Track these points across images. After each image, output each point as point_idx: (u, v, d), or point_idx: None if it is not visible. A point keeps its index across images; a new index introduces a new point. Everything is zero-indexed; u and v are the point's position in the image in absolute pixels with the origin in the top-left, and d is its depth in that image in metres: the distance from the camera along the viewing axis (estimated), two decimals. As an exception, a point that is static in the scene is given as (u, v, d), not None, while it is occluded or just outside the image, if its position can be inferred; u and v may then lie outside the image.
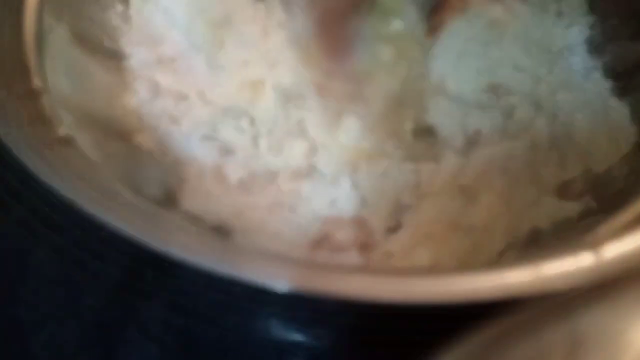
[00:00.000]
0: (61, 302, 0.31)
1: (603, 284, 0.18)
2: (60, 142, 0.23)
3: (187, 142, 0.29)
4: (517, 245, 0.26)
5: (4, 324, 0.30)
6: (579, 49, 0.31)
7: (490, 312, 0.18)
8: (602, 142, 0.28)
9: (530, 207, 0.27)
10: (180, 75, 0.30)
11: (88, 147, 0.24)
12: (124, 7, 0.31)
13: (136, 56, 0.30)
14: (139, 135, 0.28)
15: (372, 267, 0.25)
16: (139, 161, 0.28)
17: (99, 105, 0.28)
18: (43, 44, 0.26)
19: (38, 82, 0.25)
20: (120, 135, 0.28)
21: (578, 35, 0.31)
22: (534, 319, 0.19)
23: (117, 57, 0.30)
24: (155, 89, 0.30)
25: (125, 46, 0.30)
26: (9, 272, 0.32)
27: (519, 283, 0.18)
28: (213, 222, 0.26)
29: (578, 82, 0.30)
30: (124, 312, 0.30)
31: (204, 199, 0.27)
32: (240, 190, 0.28)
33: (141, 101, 0.29)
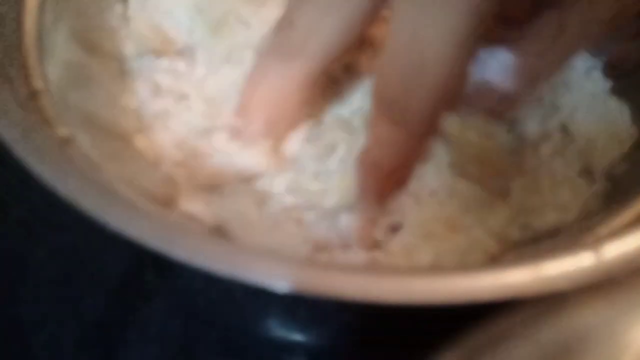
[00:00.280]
0: (61, 302, 0.31)
1: (603, 284, 0.18)
2: (60, 142, 0.23)
3: (187, 142, 0.29)
4: (517, 245, 0.26)
5: (4, 324, 0.30)
6: (579, 48, 0.31)
7: (490, 312, 0.18)
8: (602, 141, 0.28)
9: (529, 206, 0.27)
10: (180, 75, 0.30)
11: (88, 147, 0.24)
12: (123, 7, 0.31)
13: (136, 56, 0.30)
14: (139, 136, 0.28)
15: (372, 267, 0.25)
16: (139, 161, 0.28)
17: (99, 105, 0.28)
18: (43, 44, 0.26)
19: (38, 83, 0.25)
20: (120, 135, 0.28)
21: (578, 35, 0.31)
22: (534, 319, 0.19)
23: (117, 58, 0.30)
24: (155, 89, 0.30)
25: (125, 46, 0.30)
26: (9, 272, 0.32)
27: (519, 283, 0.18)
28: (213, 222, 0.26)
29: (578, 81, 0.30)
30: (124, 312, 0.30)
31: (204, 199, 0.27)
32: (241, 190, 0.28)
33: (141, 101, 0.29)
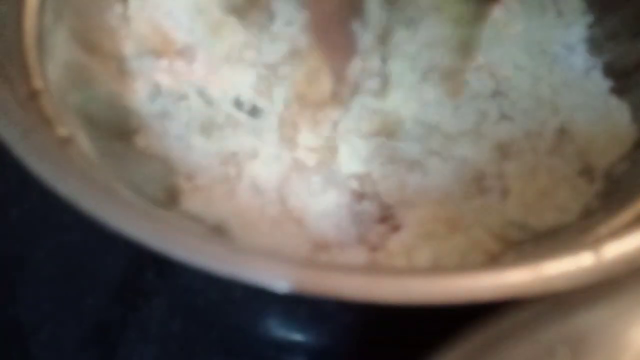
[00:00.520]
0: (61, 302, 0.31)
1: (603, 284, 0.18)
2: (60, 142, 0.23)
3: (187, 142, 0.29)
4: (517, 245, 0.26)
5: (4, 324, 0.30)
6: (579, 48, 0.31)
7: (490, 312, 0.19)
8: (602, 141, 0.28)
9: (529, 206, 0.27)
10: (180, 75, 0.30)
11: (88, 147, 0.24)
12: (123, 7, 0.31)
13: (136, 56, 0.30)
14: (139, 135, 0.28)
15: (372, 267, 0.25)
16: (139, 161, 0.28)
17: (99, 105, 0.28)
18: (43, 44, 0.26)
19: (38, 83, 0.25)
20: (120, 135, 0.28)
21: (578, 35, 0.31)
22: (534, 319, 0.19)
23: (117, 58, 0.30)
24: (155, 89, 0.30)
25: (125, 46, 0.30)
26: (9, 272, 0.32)
27: (519, 283, 0.18)
28: (213, 222, 0.26)
29: (578, 81, 0.30)
30: (124, 312, 0.30)
31: (204, 199, 0.27)
32: (241, 190, 0.28)
33: (141, 101, 0.29)
